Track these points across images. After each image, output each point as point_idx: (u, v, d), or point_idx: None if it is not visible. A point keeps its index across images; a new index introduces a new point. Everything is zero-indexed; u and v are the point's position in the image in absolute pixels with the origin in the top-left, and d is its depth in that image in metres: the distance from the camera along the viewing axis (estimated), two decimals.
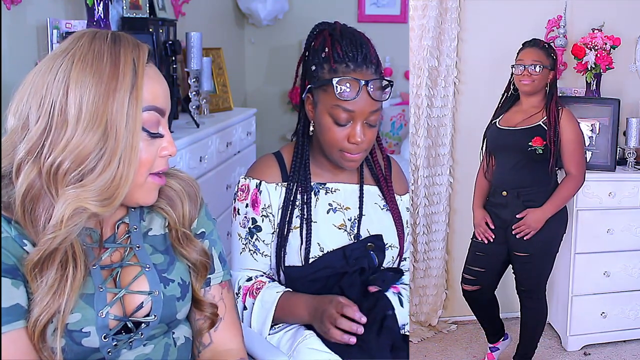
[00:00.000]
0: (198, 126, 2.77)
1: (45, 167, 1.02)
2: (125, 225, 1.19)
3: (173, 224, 1.21)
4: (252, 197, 1.69)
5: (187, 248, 1.21)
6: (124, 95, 1.04)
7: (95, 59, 1.05)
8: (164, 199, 1.21)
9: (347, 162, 1.65)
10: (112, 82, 1.04)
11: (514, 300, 2.55)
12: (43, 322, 1.02)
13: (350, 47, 1.59)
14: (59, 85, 1.03)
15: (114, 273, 1.13)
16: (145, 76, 1.08)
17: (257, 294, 1.65)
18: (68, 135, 1.02)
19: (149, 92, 1.09)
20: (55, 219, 1.02)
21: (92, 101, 1.03)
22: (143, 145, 1.08)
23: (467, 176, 2.64)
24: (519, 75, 2.40)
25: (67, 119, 1.02)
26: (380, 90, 1.59)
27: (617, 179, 2.77)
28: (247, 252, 1.70)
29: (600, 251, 2.77)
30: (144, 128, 1.09)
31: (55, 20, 2.15)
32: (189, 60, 2.86)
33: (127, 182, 1.06)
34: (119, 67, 1.05)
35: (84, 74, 1.03)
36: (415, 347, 2.84)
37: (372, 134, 1.63)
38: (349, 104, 1.56)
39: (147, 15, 2.72)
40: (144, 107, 1.08)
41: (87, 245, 1.12)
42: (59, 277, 1.03)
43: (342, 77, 1.56)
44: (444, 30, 2.89)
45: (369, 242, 1.69)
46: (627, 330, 2.87)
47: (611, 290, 2.81)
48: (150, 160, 1.11)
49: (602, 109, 2.83)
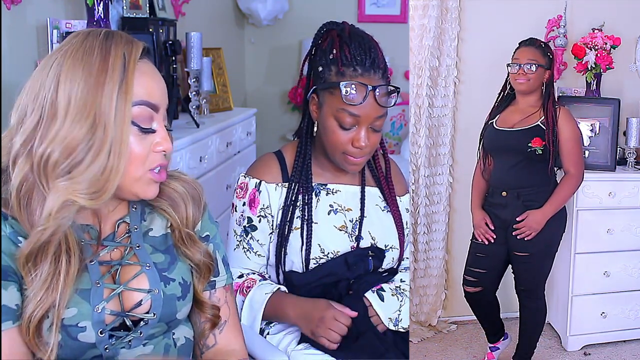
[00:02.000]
0: (198, 126, 2.77)
1: (37, 158, 1.04)
2: (125, 225, 1.19)
3: (176, 225, 1.21)
4: (250, 196, 1.69)
5: (191, 249, 1.21)
6: (113, 88, 1.05)
7: (86, 53, 1.07)
8: (166, 200, 1.21)
9: (349, 166, 1.65)
10: (101, 75, 1.05)
11: (514, 300, 2.55)
12: (37, 317, 1.03)
13: (359, 50, 1.58)
14: (51, 80, 1.06)
15: (112, 270, 1.14)
16: (138, 71, 1.09)
17: (248, 292, 1.65)
18: (57, 126, 1.04)
19: (142, 87, 1.09)
20: (45, 212, 1.03)
21: (81, 94, 1.04)
22: (135, 140, 1.09)
23: (468, 176, 2.64)
24: (515, 74, 2.39)
25: (57, 111, 1.04)
26: (386, 96, 1.59)
27: (617, 179, 2.77)
28: (240, 249, 1.70)
29: (600, 251, 2.77)
30: (135, 122, 1.09)
31: (55, 20, 2.15)
32: (189, 60, 2.86)
33: (116, 174, 1.06)
34: (109, 61, 1.06)
35: (74, 68, 1.05)
36: (415, 347, 2.84)
37: (376, 139, 1.63)
38: (355, 109, 1.56)
39: (147, 15, 2.72)
40: (135, 102, 1.08)
41: (85, 241, 1.13)
42: (52, 271, 1.04)
43: (350, 82, 1.55)
44: (444, 30, 2.89)
45: (370, 251, 1.69)
46: (627, 330, 2.87)
47: (611, 290, 2.81)
48: (143, 154, 1.11)
49: (602, 109, 2.83)
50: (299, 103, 4.32)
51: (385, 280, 1.71)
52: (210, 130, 2.82)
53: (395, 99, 1.61)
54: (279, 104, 4.57)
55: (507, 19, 2.90)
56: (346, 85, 1.54)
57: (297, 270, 1.67)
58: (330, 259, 1.66)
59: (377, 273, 1.71)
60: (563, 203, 2.39)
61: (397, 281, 1.72)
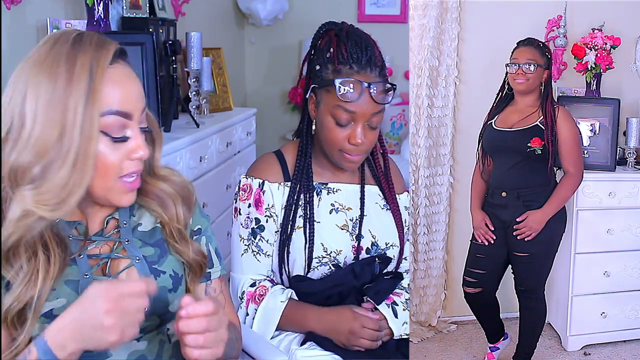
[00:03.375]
0: (198, 126, 2.76)
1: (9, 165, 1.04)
2: (115, 221, 1.20)
3: (165, 221, 1.21)
4: (255, 196, 1.68)
5: (182, 246, 1.21)
6: (78, 100, 1.03)
7: (52, 63, 1.05)
8: (154, 200, 1.21)
9: (346, 163, 1.65)
10: (68, 86, 1.03)
11: (514, 300, 2.55)
12: (15, 309, 1.04)
13: (355, 48, 1.59)
14: (20, 89, 1.05)
15: (101, 263, 1.15)
16: (108, 79, 1.07)
17: (261, 301, 1.64)
18: (24, 136, 1.03)
19: (112, 95, 1.07)
20: (8, 218, 1.03)
21: (47, 105, 1.03)
22: (107, 150, 1.08)
23: (468, 176, 2.64)
24: (513, 74, 2.39)
25: (25, 122, 1.03)
26: (383, 94, 1.59)
27: (617, 179, 2.77)
28: (249, 253, 1.69)
29: (600, 251, 2.77)
30: (106, 132, 1.07)
31: (55, 20, 2.15)
32: (189, 60, 2.85)
33: (79, 187, 1.05)
34: (74, 71, 1.04)
35: (40, 79, 1.04)
36: (415, 347, 2.84)
37: (373, 136, 1.63)
38: (351, 105, 1.56)
39: (147, 15, 2.72)
40: (105, 112, 1.06)
41: (73, 237, 1.13)
42: (31, 270, 1.05)
43: (345, 79, 1.56)
44: (444, 30, 2.89)
45: (377, 258, 1.70)
46: (627, 330, 2.87)
47: (611, 290, 2.80)
48: (117, 164, 1.10)
49: (602, 109, 2.83)
50: (299, 103, 4.31)
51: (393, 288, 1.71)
52: (210, 130, 2.82)
53: (392, 97, 1.62)
54: (279, 104, 4.57)
55: (507, 19, 2.90)
56: (342, 82, 1.56)
57: (300, 271, 1.67)
58: (336, 268, 1.66)
59: (382, 276, 1.71)
60: (563, 203, 2.39)
61: (405, 293, 1.72)
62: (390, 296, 1.69)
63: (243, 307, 1.66)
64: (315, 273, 1.67)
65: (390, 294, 1.69)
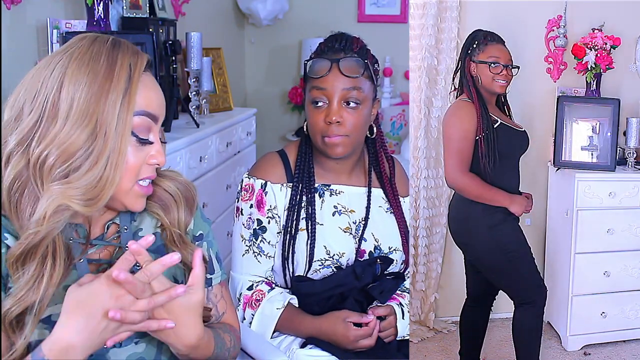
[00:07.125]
0: (198, 126, 2.76)
1: (33, 158, 1.04)
2: (115, 226, 1.20)
3: (166, 225, 1.21)
4: (257, 197, 1.68)
5: (182, 250, 1.20)
6: (117, 97, 1.06)
7: (93, 59, 1.07)
8: (157, 202, 1.21)
9: (329, 149, 1.62)
10: (106, 83, 1.06)
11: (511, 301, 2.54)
12: (14, 313, 1.03)
13: (333, 40, 1.64)
14: (54, 80, 1.05)
15: (100, 268, 1.14)
16: (141, 83, 1.10)
17: (257, 306, 1.64)
18: (57, 129, 1.04)
19: (143, 97, 1.10)
20: (38, 214, 1.03)
21: (84, 99, 1.04)
22: (131, 150, 1.09)
23: None
24: (497, 75, 2.19)
25: (58, 114, 1.04)
26: (354, 69, 1.60)
27: (617, 179, 2.76)
28: (250, 254, 1.68)
29: (600, 251, 2.77)
30: (134, 133, 1.09)
31: (55, 20, 2.15)
32: (189, 60, 2.85)
33: (112, 184, 1.06)
34: (115, 70, 1.07)
35: (79, 72, 1.05)
36: (415, 347, 2.84)
37: (354, 118, 1.60)
38: (321, 82, 1.59)
39: (147, 15, 2.72)
40: (136, 112, 1.09)
41: (74, 240, 1.13)
42: (37, 273, 1.04)
43: (315, 58, 1.62)
44: (443, 30, 2.89)
45: (378, 259, 1.69)
46: (627, 330, 2.87)
47: (611, 290, 2.81)
48: (137, 166, 1.11)
49: (602, 109, 2.83)
50: (299, 103, 4.31)
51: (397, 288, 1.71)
52: (210, 130, 2.82)
53: (364, 70, 1.60)
54: (279, 104, 4.57)
55: (507, 19, 2.90)
56: (311, 61, 1.62)
57: (302, 272, 1.67)
58: (338, 270, 1.66)
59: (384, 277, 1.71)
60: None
61: (407, 295, 1.73)
62: (395, 297, 1.69)
63: (240, 310, 1.66)
64: (317, 274, 1.67)
65: (394, 294, 1.69)
